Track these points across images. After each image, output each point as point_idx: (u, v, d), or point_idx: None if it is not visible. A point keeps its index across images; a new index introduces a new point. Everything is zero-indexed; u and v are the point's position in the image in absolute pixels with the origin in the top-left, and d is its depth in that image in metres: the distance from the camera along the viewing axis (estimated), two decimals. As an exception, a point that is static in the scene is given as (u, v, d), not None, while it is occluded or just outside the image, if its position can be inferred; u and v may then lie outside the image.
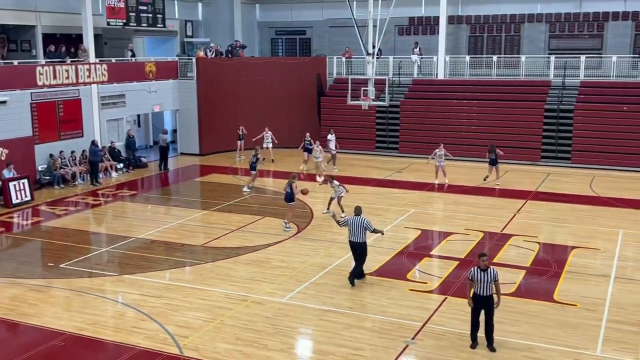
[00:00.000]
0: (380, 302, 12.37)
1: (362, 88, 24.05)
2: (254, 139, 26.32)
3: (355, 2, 24.00)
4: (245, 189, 21.62)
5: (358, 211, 13.49)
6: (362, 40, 23.59)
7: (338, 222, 14.20)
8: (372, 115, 28.68)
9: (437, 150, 22.68)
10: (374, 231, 13.44)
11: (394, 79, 29.29)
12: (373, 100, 24.29)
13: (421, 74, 30.51)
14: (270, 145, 26.71)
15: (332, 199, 18.62)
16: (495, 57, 29.25)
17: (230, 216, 18.72)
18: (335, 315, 11.74)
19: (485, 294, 10.30)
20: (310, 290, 12.93)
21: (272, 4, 36.32)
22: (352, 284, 13.13)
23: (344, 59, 30.93)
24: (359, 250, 13.31)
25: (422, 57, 30.40)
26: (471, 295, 10.50)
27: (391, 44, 32.65)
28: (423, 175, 24.02)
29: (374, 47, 23.56)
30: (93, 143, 23.46)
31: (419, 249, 15.74)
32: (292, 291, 12.89)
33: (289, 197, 17.52)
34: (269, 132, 26.75)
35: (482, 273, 10.27)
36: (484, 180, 22.48)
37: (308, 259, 14.83)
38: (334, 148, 25.50)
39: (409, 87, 29.84)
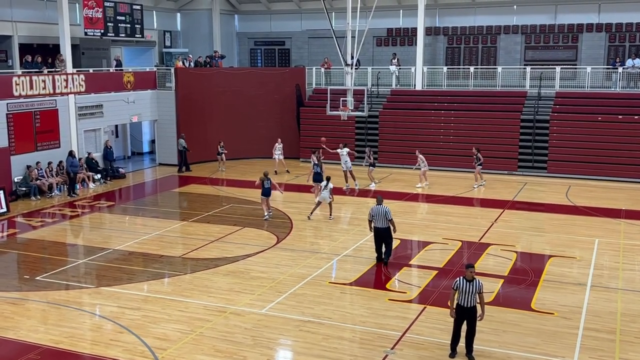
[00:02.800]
0: (360, 312, 12.39)
1: (341, 98, 24.16)
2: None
3: (333, 13, 24.23)
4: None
5: (380, 200, 15.15)
6: (340, 51, 23.72)
7: (370, 223, 15.20)
8: (351, 125, 28.81)
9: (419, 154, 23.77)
10: (391, 221, 14.86)
11: (372, 89, 29.48)
12: (352, 110, 24.38)
13: (399, 85, 30.76)
14: (282, 156, 26.71)
15: (319, 203, 19.35)
16: (472, 68, 29.61)
17: (210, 227, 18.64)
18: (315, 325, 11.73)
19: (469, 305, 10.27)
20: (289, 301, 12.91)
21: (251, 14, 36.42)
22: (386, 263, 14.95)
23: (323, 69, 31.06)
24: (383, 234, 14.97)
25: (400, 68, 30.66)
26: (454, 306, 10.42)
27: (370, 55, 32.90)
28: (402, 185, 24.18)
29: (352, 57, 23.70)
30: (70, 154, 23.25)
31: (398, 258, 15.79)
32: (272, 302, 12.85)
33: (267, 191, 19.19)
34: (281, 144, 26.71)
35: (468, 284, 10.24)
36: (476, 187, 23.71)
37: (288, 270, 14.81)
38: (347, 162, 23.57)
39: (387, 98, 30.05)
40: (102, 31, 26.59)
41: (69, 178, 22.95)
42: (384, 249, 15.15)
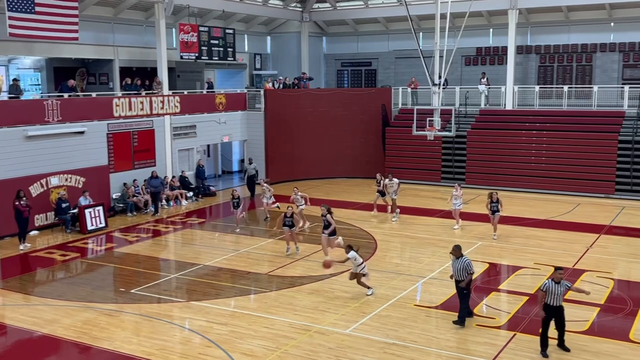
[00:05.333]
0: (446, 337, 12.11)
1: (428, 118, 23.95)
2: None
3: (421, 33, 24.07)
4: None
5: (458, 250, 12.60)
6: (428, 71, 23.57)
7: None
8: (438, 145, 28.47)
9: (453, 191, 20.97)
10: (471, 274, 12.52)
11: (460, 109, 29.05)
12: (439, 130, 24.11)
13: (489, 104, 30.12)
14: (303, 206, 21.19)
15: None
16: (566, 87, 28.58)
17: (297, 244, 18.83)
18: (400, 348, 11.57)
19: (556, 304, 11.05)
20: (374, 322, 12.81)
21: (338, 36, 36.87)
22: (463, 324, 12.49)
23: (409, 89, 30.95)
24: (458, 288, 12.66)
25: (489, 87, 30.06)
26: (542, 307, 11.10)
27: (458, 74, 32.47)
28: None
29: (440, 77, 23.48)
30: (152, 175, 24.15)
31: (487, 283, 15.36)
32: (356, 322, 12.81)
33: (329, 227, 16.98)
34: (299, 194, 21.14)
35: (556, 285, 11.05)
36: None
37: (372, 290, 14.72)
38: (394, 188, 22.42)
39: (475, 118, 29.49)
40: (197, 55, 27.70)
41: (152, 197, 23.74)
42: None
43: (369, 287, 14.46)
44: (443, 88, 24.60)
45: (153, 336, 12.27)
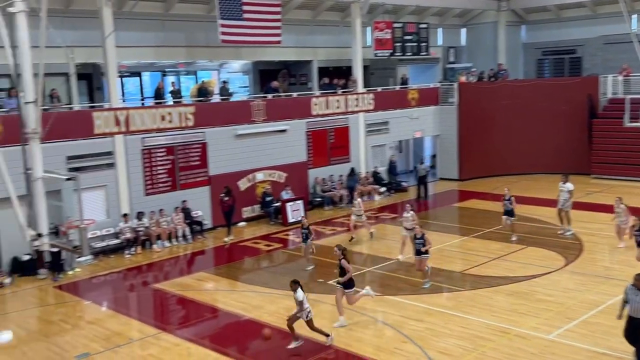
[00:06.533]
0: (666, 351, 10.87)
1: (643, 108, 21.71)
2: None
3: (635, 16, 21.86)
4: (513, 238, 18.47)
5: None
6: (642, 56, 21.36)
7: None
8: (654, 138, 25.71)
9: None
10: None
11: (682, 97, 25.91)
12: (656, 121, 21.75)
13: None
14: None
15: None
16: None
17: (490, 244, 18.22)
18: (610, 359, 10.63)
19: (638, 316, 9.86)
20: (580, 329, 11.93)
21: (538, 23, 34.82)
22: None
23: (620, 77, 28.29)
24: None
25: None
26: (621, 314, 10.14)
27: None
28: None
29: (657, 63, 21.15)
30: (351, 172, 24.89)
31: None
32: (559, 328, 12.02)
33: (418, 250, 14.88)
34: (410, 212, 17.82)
35: (637, 292, 9.89)
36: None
37: (577, 295, 13.72)
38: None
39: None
40: (391, 51, 27.93)
41: (349, 192, 24.37)
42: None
43: (327, 335, 11.77)
44: (661, 74, 22.15)
45: (350, 327, 12.59)
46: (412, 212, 17.35)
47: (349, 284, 12.66)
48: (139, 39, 22.19)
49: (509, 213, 18.39)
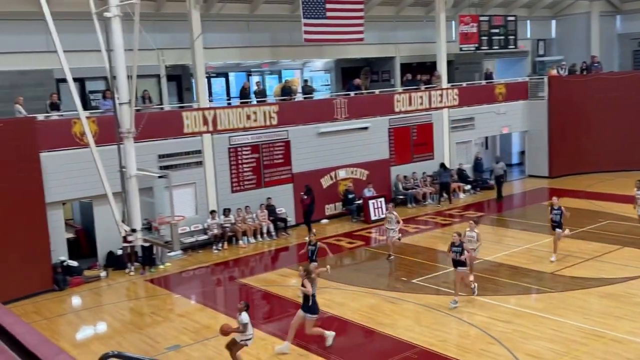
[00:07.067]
0: None
1: None
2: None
3: None
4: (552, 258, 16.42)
5: None
6: None
7: None
8: None
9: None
10: None
11: None
12: None
13: None
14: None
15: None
16: None
17: (583, 244, 17.45)
18: None
19: None
20: (682, 336, 11.23)
21: (636, 13, 32.98)
22: None
23: None
24: None
25: None
26: None
27: None
28: None
29: None
30: (442, 166, 24.44)
31: None
32: (660, 334, 11.36)
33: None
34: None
35: None
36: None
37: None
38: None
39: None
40: (477, 45, 27.24)
41: (440, 188, 24.13)
42: None
43: None
44: None
45: (434, 327, 12.41)
46: (476, 231, 14.80)
47: (311, 309, 11.38)
48: (225, 40, 22.73)
49: (558, 225, 16.12)
